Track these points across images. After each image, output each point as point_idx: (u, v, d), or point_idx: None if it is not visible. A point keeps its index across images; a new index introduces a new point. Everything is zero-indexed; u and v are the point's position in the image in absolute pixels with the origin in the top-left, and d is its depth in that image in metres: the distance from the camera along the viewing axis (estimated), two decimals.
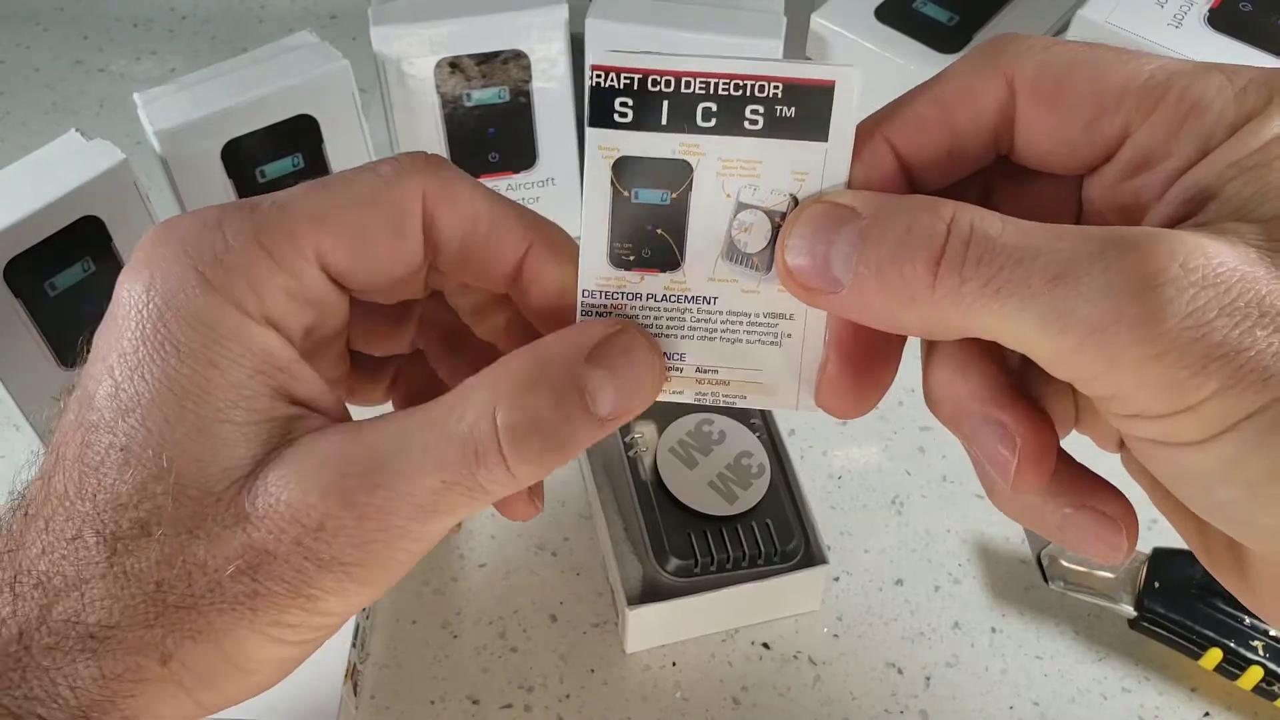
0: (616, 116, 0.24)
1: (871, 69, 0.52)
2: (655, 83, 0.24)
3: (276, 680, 0.27)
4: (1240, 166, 0.22)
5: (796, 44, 0.52)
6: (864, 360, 0.26)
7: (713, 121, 0.24)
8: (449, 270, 0.29)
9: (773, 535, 0.41)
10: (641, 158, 0.24)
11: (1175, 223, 0.22)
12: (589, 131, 0.24)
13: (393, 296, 0.30)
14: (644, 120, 0.24)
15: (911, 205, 0.23)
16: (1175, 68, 0.23)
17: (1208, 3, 0.45)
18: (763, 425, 0.44)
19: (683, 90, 0.24)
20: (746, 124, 0.24)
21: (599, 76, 0.24)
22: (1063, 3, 0.52)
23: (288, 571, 0.25)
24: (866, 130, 0.25)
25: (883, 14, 0.52)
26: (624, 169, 0.24)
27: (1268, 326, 0.19)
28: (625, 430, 0.44)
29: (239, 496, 0.25)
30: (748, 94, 0.24)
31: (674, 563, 0.41)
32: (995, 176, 0.26)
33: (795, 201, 0.25)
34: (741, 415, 0.44)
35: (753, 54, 0.49)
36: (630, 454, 0.43)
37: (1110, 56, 0.24)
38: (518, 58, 0.51)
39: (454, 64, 0.50)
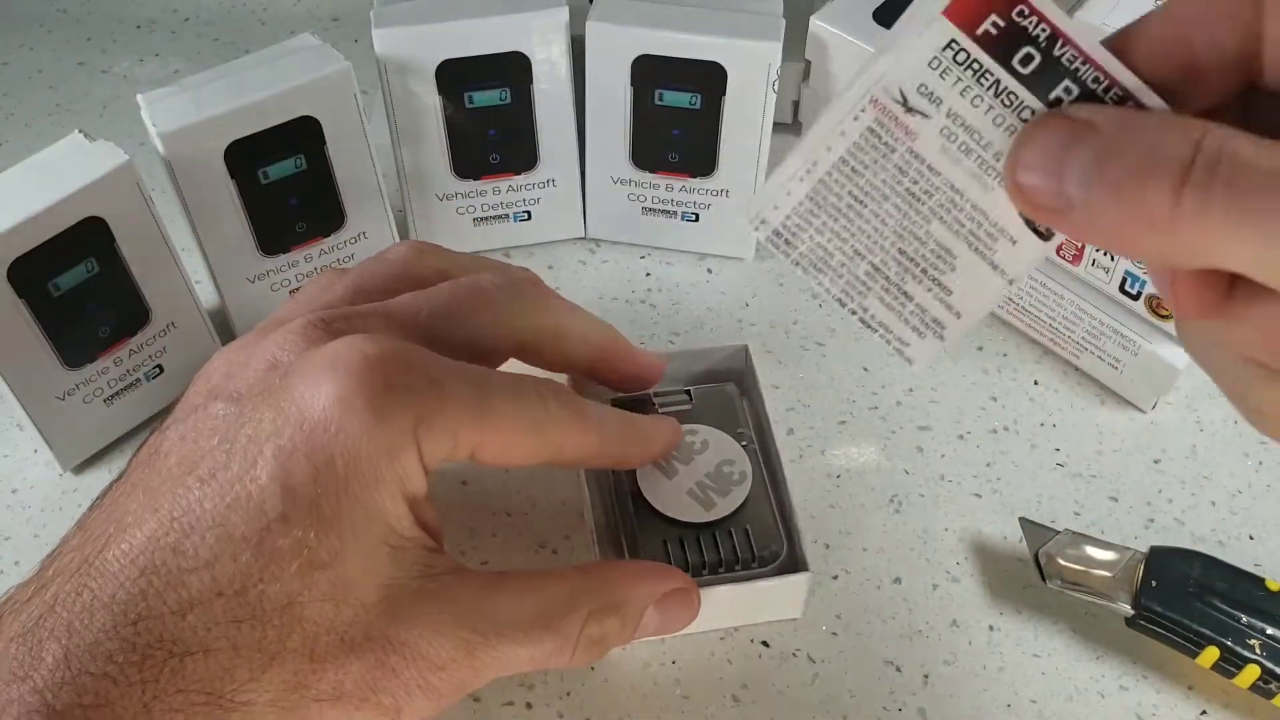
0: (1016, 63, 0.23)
1: None
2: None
3: None
4: None
5: (796, 46, 0.53)
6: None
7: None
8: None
9: (751, 541, 0.41)
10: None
11: None
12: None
13: None
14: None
15: (1156, 123, 0.22)
16: None
17: None
18: (751, 435, 0.44)
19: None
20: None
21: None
22: (1061, 4, 0.52)
23: (399, 691, 0.29)
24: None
25: (881, 16, 0.52)
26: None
27: None
28: None
29: (384, 618, 0.29)
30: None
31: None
32: (1249, 107, 0.24)
33: None
34: (728, 425, 0.44)
35: (753, 53, 0.49)
36: None
37: None
38: (519, 60, 0.51)
39: (455, 65, 0.50)
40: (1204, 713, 0.41)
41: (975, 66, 0.23)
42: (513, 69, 0.51)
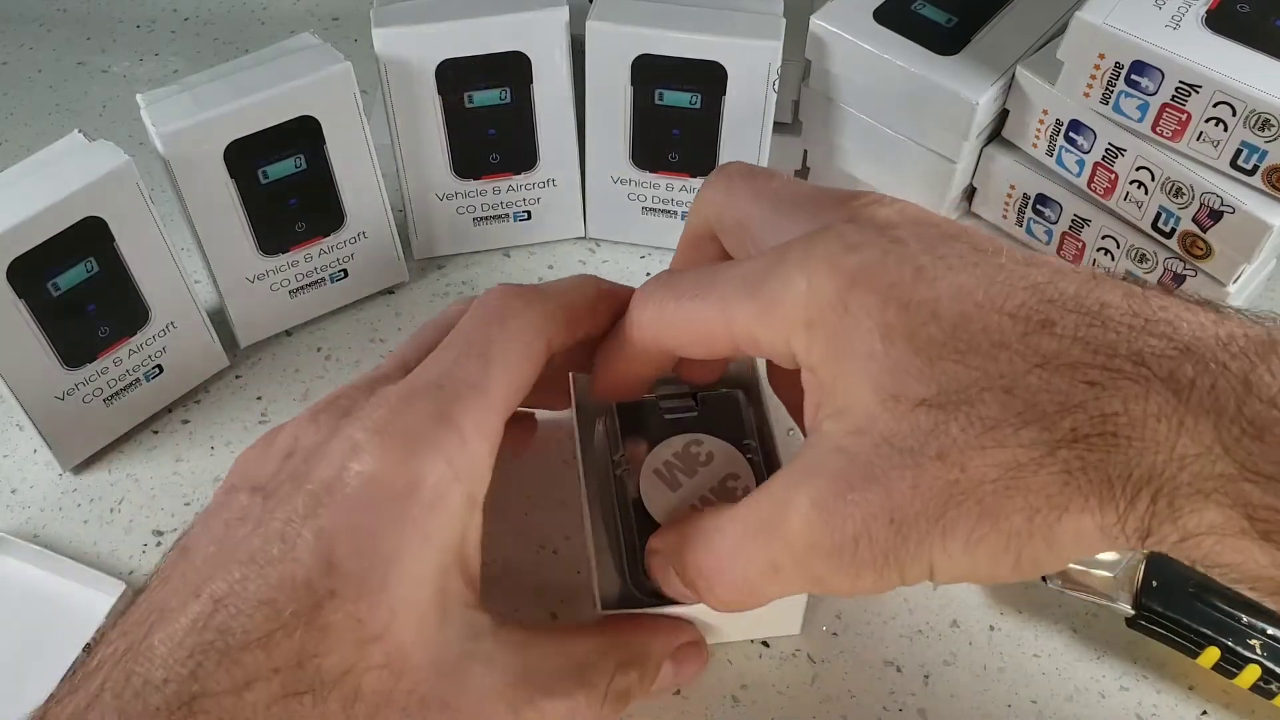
0: None
1: (870, 70, 0.52)
2: None
3: None
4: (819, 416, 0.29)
5: (796, 46, 0.53)
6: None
7: None
8: None
9: None
10: None
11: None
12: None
13: None
14: None
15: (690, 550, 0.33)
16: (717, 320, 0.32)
17: (1205, 4, 0.45)
18: (757, 447, 0.43)
19: None
20: None
21: None
22: (1060, 5, 0.52)
23: None
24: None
25: (881, 16, 0.52)
26: None
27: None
28: (615, 448, 0.43)
29: (439, 683, 0.30)
30: None
31: (646, 582, 0.40)
32: None
33: None
34: (734, 436, 0.43)
35: (753, 53, 0.49)
36: (618, 472, 0.42)
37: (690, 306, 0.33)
38: (519, 59, 0.51)
39: (455, 65, 0.50)
40: (1205, 713, 0.41)
41: None
42: (512, 69, 0.51)
